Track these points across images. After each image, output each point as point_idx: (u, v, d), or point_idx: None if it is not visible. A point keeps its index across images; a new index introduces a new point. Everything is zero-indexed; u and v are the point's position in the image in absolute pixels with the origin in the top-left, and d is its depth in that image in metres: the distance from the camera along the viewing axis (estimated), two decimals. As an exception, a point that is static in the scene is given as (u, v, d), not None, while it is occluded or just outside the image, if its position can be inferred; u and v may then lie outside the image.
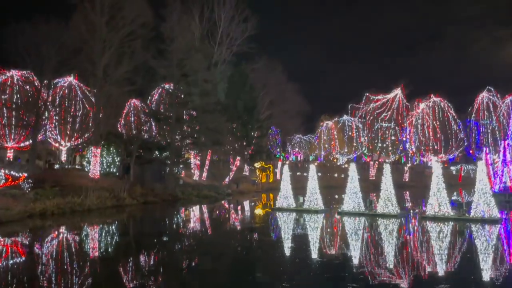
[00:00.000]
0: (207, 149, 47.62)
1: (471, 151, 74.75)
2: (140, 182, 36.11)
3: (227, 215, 31.24)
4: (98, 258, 15.23)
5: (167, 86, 43.31)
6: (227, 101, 45.71)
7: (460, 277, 12.68)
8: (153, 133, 44.17)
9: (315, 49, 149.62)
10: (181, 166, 43.29)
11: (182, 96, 41.90)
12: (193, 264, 14.85)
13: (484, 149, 50.97)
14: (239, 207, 35.80)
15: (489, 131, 70.98)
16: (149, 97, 45.27)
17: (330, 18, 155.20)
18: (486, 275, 12.65)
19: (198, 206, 35.04)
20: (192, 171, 47.69)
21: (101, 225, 24.13)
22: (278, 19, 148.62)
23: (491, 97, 73.99)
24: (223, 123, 45.61)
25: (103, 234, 21.14)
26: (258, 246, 18.63)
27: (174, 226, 25.52)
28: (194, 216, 30.55)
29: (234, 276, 13.13)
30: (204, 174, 48.58)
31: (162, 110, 44.03)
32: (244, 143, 54.39)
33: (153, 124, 43.42)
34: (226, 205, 37.13)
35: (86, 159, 37.58)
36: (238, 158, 53.24)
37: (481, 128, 72.56)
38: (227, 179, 49.59)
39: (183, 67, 39.82)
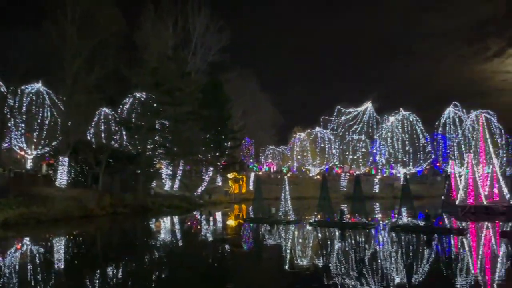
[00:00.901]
0: (180, 159, 47.08)
1: (438, 164, 77.03)
2: (110, 192, 35.27)
3: (198, 226, 30.85)
4: (62, 271, 14.71)
5: (139, 94, 42.75)
6: (201, 111, 45.42)
7: (429, 285, 12.93)
8: (124, 143, 43.36)
9: (288, 62, 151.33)
10: (152, 176, 42.56)
11: (155, 105, 41.42)
12: (162, 276, 14.55)
13: (450, 162, 52.49)
14: (211, 218, 35.45)
15: (455, 144, 73.31)
16: (121, 106, 44.53)
17: (304, 32, 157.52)
18: (453, 285, 12.95)
19: (169, 217, 34.47)
20: (163, 181, 46.98)
21: (67, 236, 23.36)
22: (253, 30, 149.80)
23: (457, 111, 76.63)
24: (196, 133, 45.26)
25: (69, 246, 20.46)
26: (230, 257, 18.47)
27: (144, 237, 24.98)
28: (165, 227, 30.02)
29: (205, 288, 12.94)
30: (176, 185, 47.92)
31: (133, 119, 43.33)
32: (217, 154, 54.08)
33: (124, 133, 42.66)
34: (198, 216, 36.69)
35: (53, 168, 36.47)
36: (211, 168, 52.85)
37: (447, 142, 74.92)
38: (199, 190, 49.10)
39: (156, 76, 39.43)
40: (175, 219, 33.85)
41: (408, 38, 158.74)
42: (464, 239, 22.28)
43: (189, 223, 32.67)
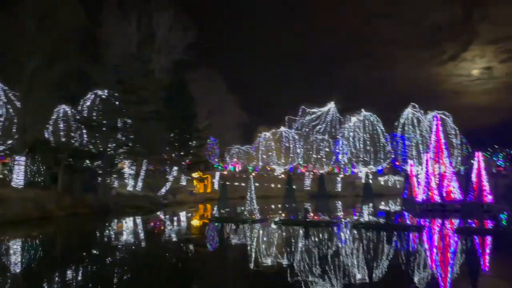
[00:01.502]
0: (143, 159, 46.26)
1: (397, 163, 79.74)
2: (70, 193, 34.20)
3: (162, 227, 30.47)
4: (18, 274, 14.16)
5: (100, 92, 41.63)
6: (165, 109, 44.81)
7: (390, 282, 13.42)
8: (85, 141, 42.08)
9: (254, 62, 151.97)
10: (114, 176, 41.59)
11: (117, 103, 40.49)
12: (125, 278, 14.31)
13: (409, 161, 54.45)
14: (175, 218, 35.10)
15: (413, 144, 76.10)
16: (81, 103, 43.17)
17: (269, 33, 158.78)
18: (412, 280, 13.50)
19: (132, 218, 33.83)
20: (126, 181, 46.00)
21: (24, 239, 22.47)
22: (219, 30, 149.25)
23: (415, 112, 79.60)
24: (160, 132, 44.62)
25: (26, 248, 19.70)
26: (195, 258, 18.39)
27: (105, 238, 24.40)
28: (128, 227, 29.44)
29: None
30: (139, 185, 47.05)
31: (94, 117, 42.13)
32: (182, 153, 53.54)
33: (85, 132, 41.40)
34: (162, 216, 36.23)
35: (9, 168, 34.92)
36: (175, 168, 52.27)
37: (406, 142, 77.68)
38: (163, 190, 48.45)
39: (118, 74, 38.56)
40: (138, 219, 33.27)
41: (369, 43, 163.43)
42: (422, 235, 23.23)
43: (152, 224, 32.21)
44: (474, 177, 35.83)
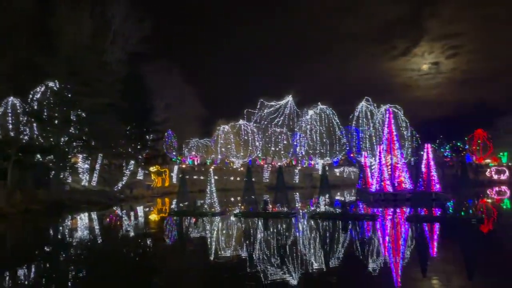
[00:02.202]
0: (98, 153, 44.96)
1: (352, 155, 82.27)
2: (20, 189, 32.74)
3: (119, 222, 29.88)
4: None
5: (52, 84, 39.94)
6: (121, 102, 43.67)
7: (345, 269, 14.00)
8: (35, 135, 40.33)
9: (212, 54, 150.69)
10: (68, 170, 40.20)
11: (70, 95, 39.03)
12: (80, 275, 14.02)
13: (363, 153, 56.33)
14: (132, 213, 34.51)
15: (367, 137, 78.67)
16: (31, 95, 41.24)
17: (229, 26, 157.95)
18: (366, 266, 14.16)
19: (87, 214, 32.92)
20: (80, 176, 44.59)
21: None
22: (176, 21, 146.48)
23: (368, 106, 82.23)
24: (116, 126, 43.52)
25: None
26: (153, 252, 18.27)
27: (60, 235, 23.66)
28: (83, 224, 28.64)
29: (127, 285, 12.73)
30: (94, 179, 45.76)
31: (46, 110, 40.41)
32: (139, 147, 52.57)
33: (35, 125, 39.66)
34: (119, 212, 35.50)
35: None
36: (132, 162, 51.24)
37: (360, 134, 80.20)
38: (120, 184, 47.40)
39: (71, 65, 37.14)
40: (94, 215, 32.43)
41: (324, 37, 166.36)
42: (375, 224, 24.27)
43: (109, 219, 31.50)
44: (423, 168, 37.65)
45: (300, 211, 32.35)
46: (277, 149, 79.17)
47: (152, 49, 58.30)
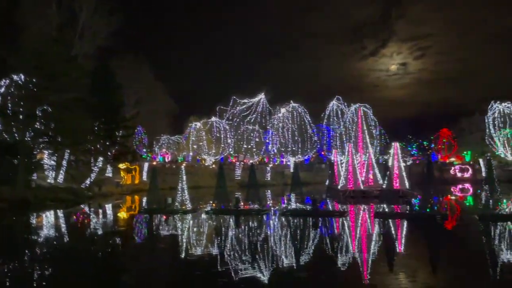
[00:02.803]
0: (65, 149, 43.68)
1: (323, 153, 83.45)
2: (-17, 186, 31.49)
3: (87, 220, 29.18)
4: None
5: (16, 77, 38.48)
6: (89, 97, 42.52)
7: (315, 264, 14.20)
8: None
9: (184, 50, 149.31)
10: (33, 167, 38.88)
11: (35, 90, 37.69)
12: (47, 274, 13.63)
13: (334, 151, 57.22)
14: (101, 211, 33.78)
15: (337, 135, 79.94)
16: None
17: (200, 23, 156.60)
18: (336, 261, 14.42)
19: (53, 211, 31.98)
20: (46, 172, 43.23)
21: None
22: (148, 15, 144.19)
23: (339, 104, 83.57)
24: (84, 121, 42.36)
25: None
26: (121, 251, 17.96)
27: (25, 233, 22.88)
28: (49, 222, 27.79)
29: (94, 284, 12.48)
30: (61, 176, 44.47)
31: (10, 105, 38.91)
32: (108, 143, 51.42)
33: (-1, 120, 38.16)
34: (87, 209, 34.67)
35: None
36: (101, 158, 50.10)
37: (331, 132, 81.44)
38: (87, 181, 46.27)
39: (37, 58, 35.88)
40: (60, 213, 31.56)
41: (297, 36, 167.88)
42: (345, 221, 24.73)
43: (76, 217, 30.71)
44: (391, 166, 38.60)
45: (272, 208, 32.55)
46: (249, 146, 79.25)
47: (122, 43, 57.52)
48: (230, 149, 79.36)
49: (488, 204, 24.04)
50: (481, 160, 71.52)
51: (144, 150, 73.85)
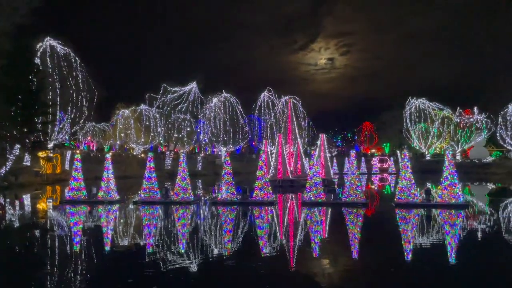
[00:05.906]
0: (-25, 135, 40.00)
1: (254, 143, 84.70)
2: None
3: (1, 212, 27.01)
4: None
5: None
6: (5, 79, 39.06)
7: (244, 253, 14.47)
8: None
9: (111, 35, 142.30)
10: None
11: None
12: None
13: (264, 141, 58.34)
14: (17, 202, 31.46)
15: (268, 125, 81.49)
16: None
17: (130, 9, 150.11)
18: (264, 249, 14.81)
19: (-39, 203, 29.21)
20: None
21: None
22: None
23: (270, 96, 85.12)
24: (-1, 105, 39.05)
25: None
26: (41, 243, 16.93)
27: None
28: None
29: (7, 279, 11.69)
30: (-30, 165, 40.66)
31: None
32: (26, 130, 47.81)
33: None
34: (1, 200, 32.09)
35: None
36: (18, 146, 46.46)
37: (262, 123, 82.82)
38: (2, 170, 42.76)
39: None
40: (-30, 205, 28.90)
41: (229, 27, 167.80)
42: (273, 209, 25.40)
43: (-11, 209, 28.30)
44: (318, 156, 40.19)
45: (202, 198, 32.46)
46: (180, 135, 78.09)
47: (44, 23, 53.16)
48: (160, 138, 77.63)
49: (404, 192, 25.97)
50: (398, 152, 77.07)
51: (67, 138, 69.64)
